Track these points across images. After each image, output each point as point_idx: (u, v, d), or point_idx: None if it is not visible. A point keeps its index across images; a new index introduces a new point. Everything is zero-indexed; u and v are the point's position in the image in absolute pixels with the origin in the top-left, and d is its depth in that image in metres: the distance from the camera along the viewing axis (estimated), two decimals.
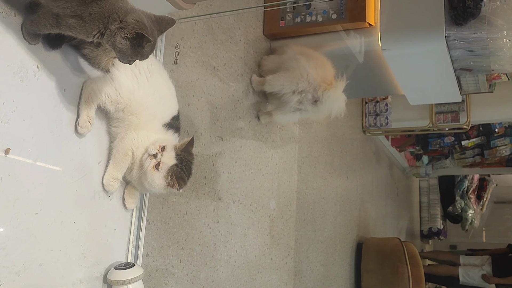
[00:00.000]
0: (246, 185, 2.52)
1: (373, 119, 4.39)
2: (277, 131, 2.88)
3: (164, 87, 1.55)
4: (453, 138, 5.48)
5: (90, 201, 1.26)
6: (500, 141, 5.44)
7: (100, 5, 1.04)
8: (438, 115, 4.27)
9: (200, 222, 2.14)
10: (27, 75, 1.15)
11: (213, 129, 2.28)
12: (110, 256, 1.31)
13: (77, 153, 1.26)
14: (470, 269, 5.52)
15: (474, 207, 6.73)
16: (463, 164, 6.00)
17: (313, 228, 3.33)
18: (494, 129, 5.31)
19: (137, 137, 1.38)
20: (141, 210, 1.48)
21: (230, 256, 2.34)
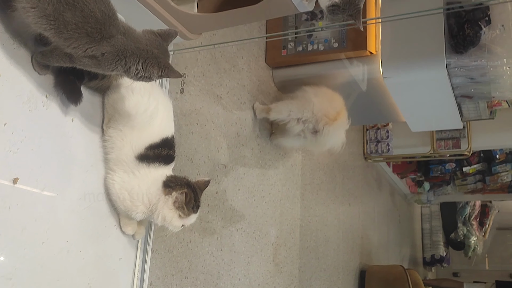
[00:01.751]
0: (249, 213, 2.51)
1: (374, 145, 4.40)
2: (279, 158, 2.89)
3: (161, 110, 1.47)
4: (454, 164, 5.48)
5: (96, 230, 1.26)
6: (501, 168, 5.44)
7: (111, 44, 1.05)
8: (439, 141, 4.28)
9: (203, 251, 2.13)
10: (36, 105, 1.17)
11: (217, 156, 2.28)
12: (116, 285, 1.29)
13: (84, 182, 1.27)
14: None
15: (476, 234, 6.68)
16: (465, 191, 5.98)
17: (316, 256, 3.30)
18: (495, 155, 5.32)
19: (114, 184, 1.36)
20: (146, 239, 1.47)
21: (233, 285, 2.32)
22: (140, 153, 1.36)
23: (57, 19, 0.99)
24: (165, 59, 1.14)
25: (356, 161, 4.37)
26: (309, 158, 3.32)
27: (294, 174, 3.10)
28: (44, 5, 0.97)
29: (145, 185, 1.35)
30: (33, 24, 1.00)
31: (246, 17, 1.32)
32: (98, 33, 1.03)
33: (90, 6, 1.01)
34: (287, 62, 2.82)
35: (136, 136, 1.37)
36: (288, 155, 3.01)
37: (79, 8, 1.00)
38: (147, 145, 1.37)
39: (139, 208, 1.33)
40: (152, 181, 1.37)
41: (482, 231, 6.89)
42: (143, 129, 1.37)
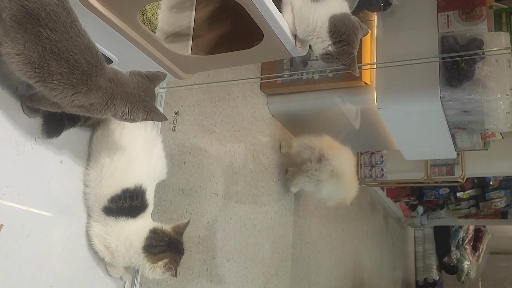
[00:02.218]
0: (240, 242, 2.49)
1: (368, 170, 4.40)
2: (273, 185, 2.88)
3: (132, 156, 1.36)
4: (448, 189, 5.48)
5: (82, 273, 1.24)
6: (495, 194, 5.44)
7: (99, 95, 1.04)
8: (433, 168, 4.28)
9: (193, 282, 2.10)
10: (24, 148, 1.15)
11: (209, 185, 2.27)
12: None
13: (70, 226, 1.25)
14: None
15: (470, 258, 6.66)
16: (458, 215, 5.97)
17: (308, 283, 3.27)
18: (489, 181, 5.32)
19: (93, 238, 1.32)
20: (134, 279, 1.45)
21: None
22: (104, 206, 1.30)
23: (42, 67, 0.96)
24: (151, 102, 1.13)
25: None
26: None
27: (287, 200, 3.08)
28: (30, 52, 0.95)
29: (122, 245, 1.30)
30: (17, 71, 0.97)
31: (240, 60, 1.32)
32: (84, 84, 1.01)
33: (76, 56, 0.98)
34: (282, 90, 2.82)
35: (100, 184, 1.30)
36: (281, 181, 3.00)
37: (64, 58, 0.97)
38: (109, 197, 1.29)
39: (121, 263, 1.31)
40: (128, 239, 1.31)
41: (476, 255, 6.86)
42: (105, 177, 1.30)
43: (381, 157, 4.36)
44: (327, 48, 1.20)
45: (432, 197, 5.54)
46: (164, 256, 1.35)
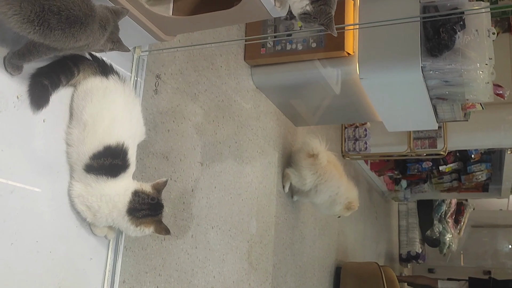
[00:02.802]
0: (225, 210, 2.53)
1: (352, 144, 4.45)
2: (257, 156, 2.91)
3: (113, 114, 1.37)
4: (431, 163, 5.57)
5: (66, 231, 1.26)
6: (476, 167, 5.55)
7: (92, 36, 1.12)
8: (416, 141, 4.35)
9: (178, 248, 2.14)
10: (7, 105, 1.16)
11: (193, 154, 2.29)
12: (86, 285, 1.30)
13: (54, 183, 1.27)
14: None
15: (452, 231, 6.81)
16: (441, 189, 6.09)
17: (292, 253, 3.33)
18: (471, 155, 5.42)
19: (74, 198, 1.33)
20: (118, 238, 1.48)
21: (208, 282, 2.33)
22: (86, 164, 1.31)
23: (42, 24, 1.01)
24: (117, 34, 1.22)
25: None
26: (287, 156, 3.35)
27: (272, 171, 3.12)
28: (27, 12, 0.98)
29: (105, 206, 1.31)
30: (16, 28, 1.01)
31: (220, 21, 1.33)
32: (83, 33, 1.09)
33: (75, 12, 1.04)
34: (266, 61, 2.83)
35: (83, 142, 1.31)
36: (266, 153, 3.03)
37: (64, 15, 1.03)
38: (91, 154, 1.30)
39: (103, 224, 1.34)
40: (111, 200, 1.32)
41: (457, 228, 7.02)
42: (88, 135, 1.31)
43: (364, 131, 4.41)
44: (305, 8, 1.22)
45: (415, 171, 5.64)
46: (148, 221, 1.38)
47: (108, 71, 1.36)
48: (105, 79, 1.33)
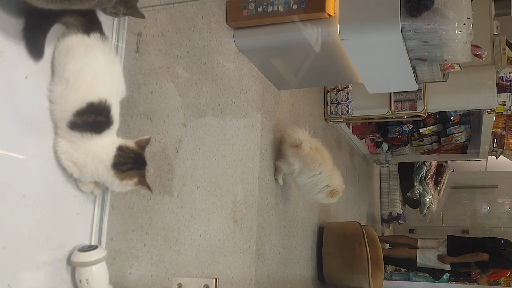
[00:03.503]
0: (209, 172, 2.58)
1: (334, 107, 4.51)
2: (241, 118, 2.94)
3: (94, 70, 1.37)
4: (411, 125, 5.67)
5: (53, 186, 1.29)
6: (455, 129, 5.66)
7: None
8: (396, 103, 4.42)
9: (164, 207, 2.19)
10: None
11: (177, 116, 2.31)
12: (74, 239, 1.34)
13: (39, 139, 1.29)
14: (427, 251, 5.78)
15: (431, 192, 6.98)
16: (421, 151, 6.22)
17: (276, 213, 3.42)
18: (450, 117, 5.52)
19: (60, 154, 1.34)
20: (104, 194, 1.51)
21: (194, 240, 2.40)
22: (69, 120, 1.32)
23: None
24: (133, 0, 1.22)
25: (316, 122, 4.47)
26: (270, 119, 3.39)
27: (255, 134, 3.17)
28: None
29: (90, 161, 1.33)
30: None
31: None
32: None
33: None
34: (248, 23, 2.83)
35: (66, 100, 1.32)
36: (249, 116, 3.07)
37: None
38: (74, 111, 1.30)
39: (89, 179, 1.37)
40: (96, 156, 1.34)
41: (437, 189, 7.20)
42: (71, 92, 1.32)
43: (346, 94, 4.46)
44: None
45: (396, 133, 5.73)
46: (132, 174, 1.41)
47: (91, 29, 1.36)
48: (86, 36, 1.34)
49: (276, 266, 3.38)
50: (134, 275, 1.97)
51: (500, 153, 5.91)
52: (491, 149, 5.89)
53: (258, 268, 3.07)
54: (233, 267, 2.77)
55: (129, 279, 1.95)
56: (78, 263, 1.29)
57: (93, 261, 1.29)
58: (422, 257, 5.76)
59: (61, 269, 1.29)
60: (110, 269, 1.38)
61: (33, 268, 1.21)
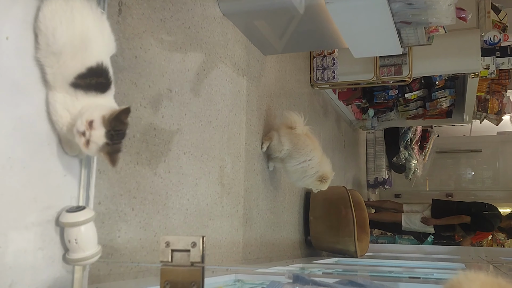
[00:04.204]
0: (196, 137, 2.59)
1: (320, 73, 4.51)
2: (226, 84, 2.94)
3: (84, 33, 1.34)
4: (397, 91, 5.70)
5: (39, 147, 1.29)
6: (440, 93, 5.71)
7: None
8: (382, 68, 4.44)
9: (151, 172, 2.20)
10: None
11: (161, 81, 2.31)
12: (61, 201, 1.36)
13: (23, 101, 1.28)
14: (411, 215, 5.90)
15: (417, 157, 7.08)
16: (407, 116, 6.28)
17: (263, 178, 3.45)
18: (435, 81, 5.56)
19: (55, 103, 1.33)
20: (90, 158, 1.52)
21: (182, 205, 2.42)
22: (71, 82, 1.32)
23: None
24: None
25: (302, 88, 4.47)
26: (256, 85, 3.39)
27: (241, 100, 3.17)
28: None
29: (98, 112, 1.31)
30: None
31: None
32: None
33: None
34: None
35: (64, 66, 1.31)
36: (235, 81, 3.07)
37: None
38: (75, 75, 1.31)
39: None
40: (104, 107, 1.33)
41: (422, 154, 7.30)
42: (67, 60, 1.31)
43: (332, 60, 4.46)
44: None
45: (382, 99, 5.77)
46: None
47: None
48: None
49: (264, 230, 3.44)
50: (123, 238, 2.00)
51: (484, 117, 5.99)
52: (475, 114, 5.96)
53: (246, 232, 3.13)
54: (221, 231, 2.81)
55: (118, 242, 1.98)
56: (67, 223, 1.30)
57: (81, 222, 1.31)
58: (407, 220, 5.88)
59: (49, 229, 1.31)
60: (99, 233, 1.40)
61: (21, 228, 1.23)
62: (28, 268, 1.23)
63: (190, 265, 1.24)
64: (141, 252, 2.11)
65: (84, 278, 1.44)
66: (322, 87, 4.71)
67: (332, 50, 4.42)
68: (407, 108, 6.07)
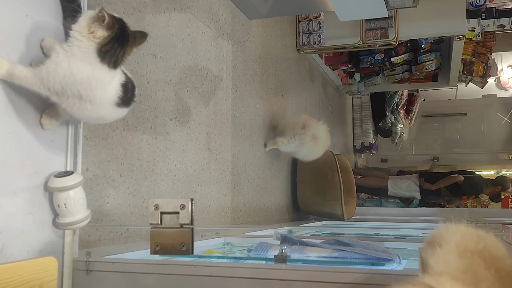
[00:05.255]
0: (182, 103, 2.58)
1: (306, 37, 4.48)
2: (211, 49, 2.91)
3: None
4: (383, 55, 5.69)
5: (25, 113, 1.29)
6: (426, 57, 5.71)
7: None
8: (368, 32, 4.41)
9: (138, 139, 2.20)
10: None
11: (145, 46, 2.28)
12: (49, 166, 1.36)
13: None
14: (398, 181, 5.98)
15: (403, 122, 7.13)
16: (393, 80, 6.29)
17: (250, 144, 3.47)
18: (421, 45, 5.55)
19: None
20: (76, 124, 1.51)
21: (170, 171, 2.44)
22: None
23: None
24: None
25: (288, 53, 4.45)
26: (241, 50, 3.36)
27: (227, 65, 3.15)
28: None
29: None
30: None
31: None
32: None
33: None
34: None
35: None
36: (220, 46, 3.04)
37: None
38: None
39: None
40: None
41: (408, 119, 7.35)
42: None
43: (318, 24, 4.43)
44: None
45: (368, 63, 5.76)
46: None
47: None
48: None
49: (252, 195, 3.47)
50: (111, 204, 2.01)
51: (470, 80, 6.02)
52: (461, 77, 5.99)
53: (234, 197, 3.16)
54: (209, 196, 2.84)
55: (107, 208, 1.99)
56: (55, 188, 1.31)
57: (69, 186, 1.31)
58: (393, 185, 5.95)
59: (38, 195, 1.32)
60: (87, 199, 1.41)
61: (10, 194, 1.23)
62: (18, 232, 1.24)
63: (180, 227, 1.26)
64: (130, 218, 2.13)
65: (75, 242, 1.45)
66: (308, 52, 4.69)
67: (318, 14, 4.38)
68: (393, 72, 6.07)
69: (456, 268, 0.72)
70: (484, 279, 0.72)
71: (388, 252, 1.73)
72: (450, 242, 0.80)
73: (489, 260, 0.76)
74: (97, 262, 1.47)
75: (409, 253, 1.99)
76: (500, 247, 0.82)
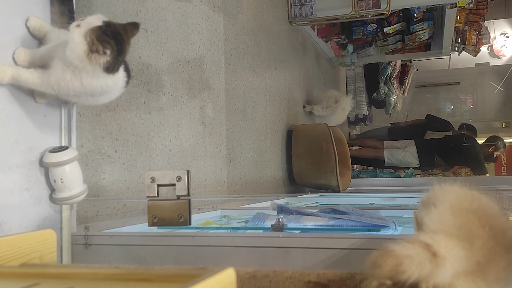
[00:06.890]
0: (175, 78, 2.57)
1: (298, 9, 4.44)
2: (203, 22, 2.88)
3: None
4: (375, 25, 5.65)
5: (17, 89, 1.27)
6: (418, 26, 5.68)
7: None
8: (360, 2, 4.37)
9: (131, 114, 2.20)
10: None
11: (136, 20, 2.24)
12: (44, 141, 1.35)
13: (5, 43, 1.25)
14: (394, 151, 6.00)
15: (396, 92, 7.13)
16: (386, 51, 6.26)
17: (245, 118, 3.47)
18: (413, 14, 5.51)
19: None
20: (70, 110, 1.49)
21: (165, 146, 2.44)
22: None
23: None
24: None
25: (281, 25, 4.41)
26: (233, 23, 3.33)
27: (219, 39, 3.12)
28: None
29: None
30: None
31: None
32: None
33: None
34: None
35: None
36: (211, 19, 3.01)
37: None
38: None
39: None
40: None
41: (402, 89, 7.35)
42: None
43: None
44: None
45: (360, 34, 5.72)
46: None
47: None
48: None
49: (248, 169, 3.49)
50: (108, 180, 2.02)
51: (462, 48, 6.01)
52: (454, 45, 5.97)
53: (230, 171, 3.17)
54: (205, 171, 2.85)
55: (104, 184, 2.00)
56: (50, 163, 1.31)
57: (65, 161, 1.31)
58: (389, 156, 5.98)
59: (34, 170, 1.31)
60: (83, 175, 1.41)
61: (6, 169, 1.23)
62: (16, 208, 1.25)
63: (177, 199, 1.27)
64: (127, 193, 2.14)
65: (73, 217, 1.46)
66: (301, 23, 4.65)
67: None
68: (386, 43, 6.04)
69: (451, 225, 0.73)
70: (478, 236, 0.73)
71: (383, 219, 1.76)
72: (445, 201, 0.81)
73: (483, 218, 0.77)
74: (96, 236, 1.48)
75: (405, 220, 2.02)
76: (494, 206, 0.83)
